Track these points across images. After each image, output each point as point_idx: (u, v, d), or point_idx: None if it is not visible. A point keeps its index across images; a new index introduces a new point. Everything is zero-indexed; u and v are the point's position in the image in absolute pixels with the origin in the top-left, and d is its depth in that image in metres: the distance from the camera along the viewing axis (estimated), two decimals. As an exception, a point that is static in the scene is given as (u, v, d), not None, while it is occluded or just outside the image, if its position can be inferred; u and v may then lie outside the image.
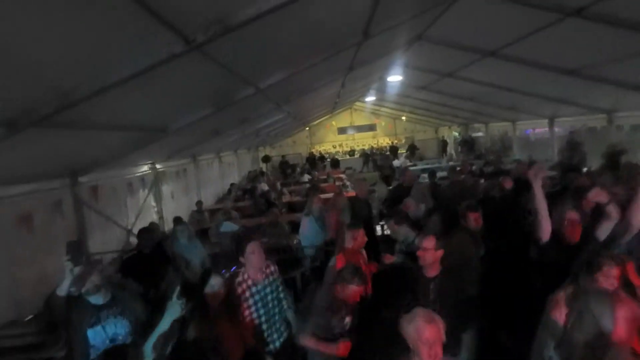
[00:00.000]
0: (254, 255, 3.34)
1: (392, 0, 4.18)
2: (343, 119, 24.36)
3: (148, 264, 4.74)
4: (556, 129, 11.74)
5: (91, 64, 2.50)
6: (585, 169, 8.40)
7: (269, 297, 3.47)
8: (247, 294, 3.37)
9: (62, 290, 2.61)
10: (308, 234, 5.60)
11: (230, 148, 14.26)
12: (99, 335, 2.75)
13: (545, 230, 3.14)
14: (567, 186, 5.62)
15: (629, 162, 7.52)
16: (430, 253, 3.17)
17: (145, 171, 8.08)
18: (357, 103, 22.10)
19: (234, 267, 5.36)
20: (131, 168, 7.44)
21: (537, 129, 13.68)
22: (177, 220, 6.99)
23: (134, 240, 7.30)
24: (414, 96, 14.16)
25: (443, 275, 3.21)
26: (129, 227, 7.28)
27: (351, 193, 10.84)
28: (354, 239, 3.93)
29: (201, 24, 2.61)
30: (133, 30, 2.35)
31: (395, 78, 10.55)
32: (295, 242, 6.34)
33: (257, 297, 3.39)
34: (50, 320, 3.48)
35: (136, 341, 2.75)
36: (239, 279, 3.43)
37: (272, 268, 3.58)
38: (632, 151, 9.04)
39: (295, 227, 7.62)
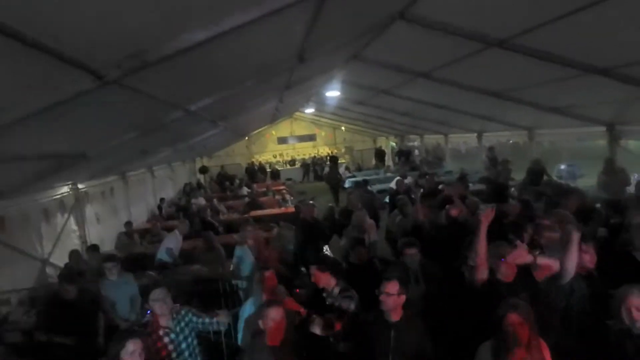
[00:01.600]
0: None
1: (325, 26, 4.14)
2: (283, 128, 24.22)
3: (74, 312, 4.26)
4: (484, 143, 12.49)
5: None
6: (512, 187, 8.94)
7: (183, 345, 3.24)
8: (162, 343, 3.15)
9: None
10: (243, 265, 5.31)
11: (164, 162, 13.56)
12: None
13: (482, 273, 3.16)
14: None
15: (550, 179, 8.15)
16: (393, 298, 3.03)
17: (65, 193, 7.36)
18: (297, 113, 22.08)
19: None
20: (47, 191, 6.74)
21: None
22: (93, 248, 6.38)
23: (51, 271, 6.64)
24: (352, 109, 14.40)
25: (404, 322, 3.07)
26: (45, 257, 6.60)
27: (290, 209, 10.76)
28: (264, 282, 3.75)
29: (114, 60, 2.36)
30: (29, 71, 2.06)
31: (333, 93, 10.62)
32: (231, 269, 6.04)
33: (170, 346, 3.17)
34: None
35: None
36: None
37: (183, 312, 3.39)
38: (549, 164, 9.85)
39: (232, 250, 7.33)
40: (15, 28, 1.67)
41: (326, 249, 7.35)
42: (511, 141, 11.68)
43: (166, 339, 3.18)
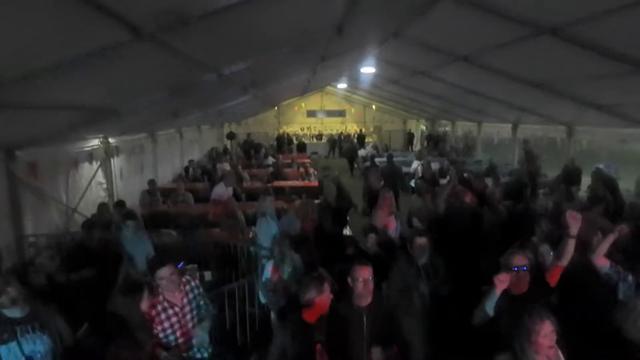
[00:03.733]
0: (164, 282, 3.07)
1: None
2: (313, 101, 24.00)
3: (97, 261, 4.40)
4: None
5: (16, 49, 2.15)
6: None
7: (188, 317, 3.20)
8: (163, 316, 3.13)
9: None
10: (263, 236, 5.29)
11: (193, 124, 13.67)
12: (13, 353, 2.45)
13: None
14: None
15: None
16: (364, 283, 2.91)
17: (95, 145, 7.50)
18: (329, 87, 21.78)
19: (182, 263, 5.10)
20: (79, 142, 6.87)
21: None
22: (120, 203, 6.53)
23: (78, 220, 6.84)
24: (385, 88, 14.07)
25: (377, 305, 2.98)
26: (73, 206, 6.80)
27: (313, 182, 10.75)
28: None
29: (150, 13, 2.30)
30: (65, 18, 2.02)
31: (368, 70, 10.35)
32: (250, 236, 6.09)
33: (174, 319, 3.14)
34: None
35: None
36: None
37: (193, 283, 3.33)
38: (587, 164, 9.44)
39: (252, 218, 7.37)
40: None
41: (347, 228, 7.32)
42: (548, 136, 11.21)
43: (170, 311, 3.16)
